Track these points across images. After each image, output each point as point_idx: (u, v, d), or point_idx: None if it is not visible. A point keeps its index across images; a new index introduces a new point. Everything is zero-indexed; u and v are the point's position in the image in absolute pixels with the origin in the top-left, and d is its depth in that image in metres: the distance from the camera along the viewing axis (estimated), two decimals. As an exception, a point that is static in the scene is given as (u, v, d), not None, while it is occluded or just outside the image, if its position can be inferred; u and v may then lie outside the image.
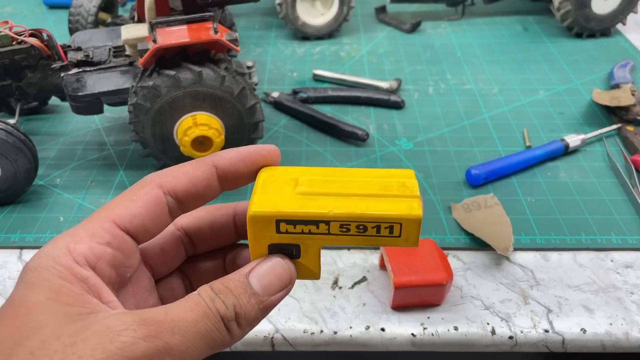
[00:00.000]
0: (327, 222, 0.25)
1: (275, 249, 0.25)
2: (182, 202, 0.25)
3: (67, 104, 0.61)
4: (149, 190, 0.24)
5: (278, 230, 0.25)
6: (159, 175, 0.24)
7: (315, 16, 0.76)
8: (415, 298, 0.40)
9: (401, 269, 0.39)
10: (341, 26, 0.77)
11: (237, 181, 0.26)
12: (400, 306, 0.40)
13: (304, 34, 0.77)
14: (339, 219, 0.25)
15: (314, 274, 0.26)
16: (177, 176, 0.25)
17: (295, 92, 0.64)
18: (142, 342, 0.20)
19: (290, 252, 0.26)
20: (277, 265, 0.24)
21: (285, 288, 0.24)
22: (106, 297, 0.22)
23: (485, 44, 0.77)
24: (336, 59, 0.73)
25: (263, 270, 0.23)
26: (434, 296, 0.40)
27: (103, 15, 0.68)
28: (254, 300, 0.22)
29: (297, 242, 0.26)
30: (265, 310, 0.23)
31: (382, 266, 0.43)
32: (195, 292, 0.22)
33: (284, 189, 0.26)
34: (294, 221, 0.25)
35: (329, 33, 0.77)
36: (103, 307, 0.22)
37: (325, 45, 0.76)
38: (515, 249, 0.45)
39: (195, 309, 0.21)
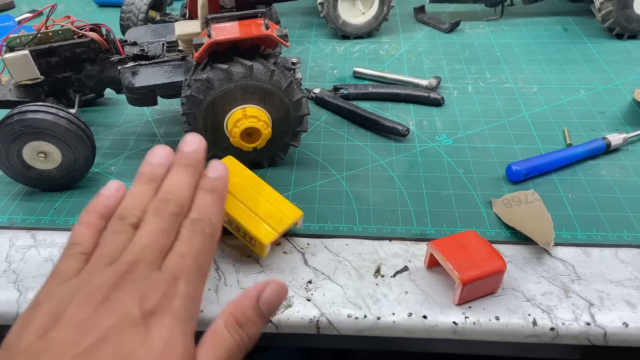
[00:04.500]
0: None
1: None
2: None
3: (119, 97, 0.64)
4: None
5: None
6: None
7: (356, 15, 0.78)
8: (478, 290, 0.40)
9: (462, 265, 0.39)
10: (381, 25, 0.79)
11: None
12: (466, 302, 0.41)
13: (344, 33, 0.78)
14: (229, 216, 0.42)
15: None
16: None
17: (336, 89, 0.65)
18: None
19: None
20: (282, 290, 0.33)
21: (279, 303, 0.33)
22: None
23: (524, 44, 0.77)
24: (375, 57, 0.74)
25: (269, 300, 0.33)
26: (493, 284, 0.41)
27: (152, 13, 0.71)
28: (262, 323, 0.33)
29: None
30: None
31: (430, 266, 0.43)
32: (226, 332, 0.31)
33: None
34: None
35: (369, 32, 0.79)
36: None
37: (364, 44, 0.78)
38: (556, 244, 0.45)
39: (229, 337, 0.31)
